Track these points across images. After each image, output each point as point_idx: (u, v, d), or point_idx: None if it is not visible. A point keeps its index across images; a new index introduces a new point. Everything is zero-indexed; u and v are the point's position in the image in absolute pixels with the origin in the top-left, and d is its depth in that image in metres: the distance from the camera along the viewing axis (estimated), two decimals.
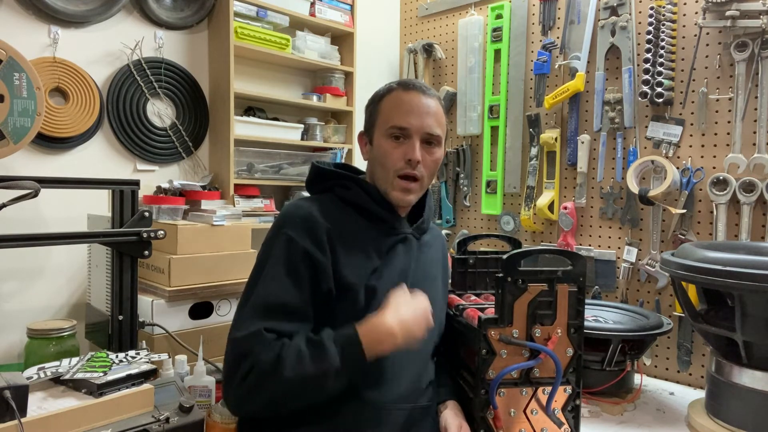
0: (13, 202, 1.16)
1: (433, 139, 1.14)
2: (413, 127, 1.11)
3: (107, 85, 1.74)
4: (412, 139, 1.11)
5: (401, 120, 1.11)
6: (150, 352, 1.24)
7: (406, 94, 1.14)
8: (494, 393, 1.05)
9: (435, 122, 1.13)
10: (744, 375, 1.25)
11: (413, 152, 1.11)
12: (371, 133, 1.18)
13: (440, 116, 1.15)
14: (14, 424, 0.87)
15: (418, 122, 1.11)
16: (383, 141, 1.13)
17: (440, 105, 1.17)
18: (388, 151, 1.12)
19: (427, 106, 1.13)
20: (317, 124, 2.19)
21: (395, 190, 1.13)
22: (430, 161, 1.15)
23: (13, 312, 1.58)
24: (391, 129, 1.12)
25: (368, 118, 1.20)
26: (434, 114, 1.14)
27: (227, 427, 1.09)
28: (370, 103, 1.20)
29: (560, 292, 1.08)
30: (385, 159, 1.12)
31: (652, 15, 1.76)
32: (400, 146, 1.12)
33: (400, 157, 1.11)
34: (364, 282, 1.09)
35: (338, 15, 2.22)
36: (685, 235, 1.71)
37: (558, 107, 2.00)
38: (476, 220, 2.30)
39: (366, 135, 1.21)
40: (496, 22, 2.17)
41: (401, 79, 1.19)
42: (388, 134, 1.13)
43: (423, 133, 1.12)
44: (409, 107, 1.12)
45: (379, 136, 1.15)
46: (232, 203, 1.89)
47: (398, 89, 1.15)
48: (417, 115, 1.11)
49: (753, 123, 1.60)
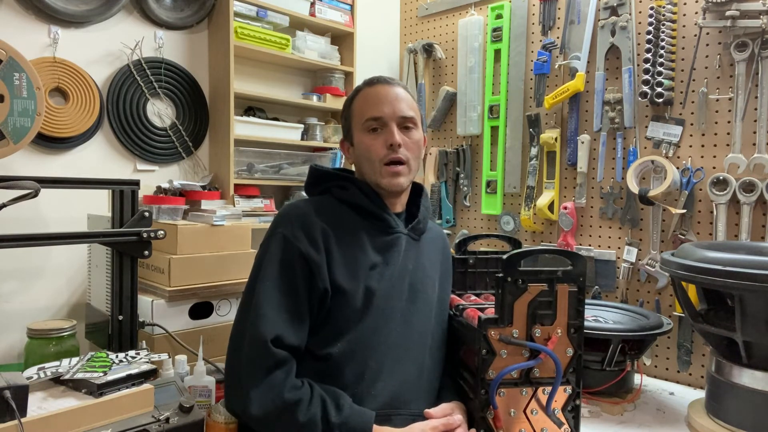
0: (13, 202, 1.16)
1: (408, 121, 1.17)
2: (386, 115, 1.15)
3: (107, 85, 1.74)
4: (389, 125, 1.15)
5: (373, 111, 1.16)
6: (150, 352, 1.24)
7: (372, 89, 1.19)
8: (494, 393, 1.05)
9: (406, 106, 1.17)
10: (744, 375, 1.25)
11: (392, 137, 1.14)
12: (350, 135, 1.22)
13: (410, 100, 1.20)
14: (14, 424, 0.87)
15: (390, 109, 1.15)
16: (362, 136, 1.17)
17: (407, 91, 1.21)
18: (369, 144, 1.16)
19: (395, 93, 1.18)
20: (317, 124, 2.19)
21: (384, 178, 1.15)
22: (411, 143, 1.17)
23: (13, 312, 1.58)
24: (366, 122, 1.16)
25: (344, 124, 1.25)
26: (403, 99, 1.18)
27: (227, 427, 1.09)
28: (343, 111, 1.26)
29: (560, 292, 1.08)
30: (369, 152, 1.16)
31: (652, 15, 1.76)
32: (379, 136, 1.16)
33: (381, 145, 1.15)
34: (363, 282, 1.09)
35: (338, 15, 2.22)
36: (685, 235, 1.71)
37: (558, 107, 2.00)
38: (476, 220, 2.30)
39: (346, 140, 1.25)
40: (496, 22, 2.17)
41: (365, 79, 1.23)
42: (365, 128, 1.17)
43: (397, 117, 1.16)
44: (377, 98, 1.17)
45: (358, 134, 1.18)
46: (232, 203, 1.89)
47: (364, 88, 1.21)
48: (387, 103, 1.16)
49: (753, 123, 1.60)
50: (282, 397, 0.98)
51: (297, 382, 1.02)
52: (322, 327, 1.08)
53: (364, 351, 1.08)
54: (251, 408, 0.99)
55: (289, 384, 1.00)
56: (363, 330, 1.08)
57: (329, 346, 1.07)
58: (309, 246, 1.06)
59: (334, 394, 1.03)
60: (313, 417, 0.98)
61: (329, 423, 0.98)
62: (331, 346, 1.07)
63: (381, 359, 1.09)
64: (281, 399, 0.98)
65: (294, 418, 0.98)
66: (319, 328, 1.08)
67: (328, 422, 0.98)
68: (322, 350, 1.07)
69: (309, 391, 1.01)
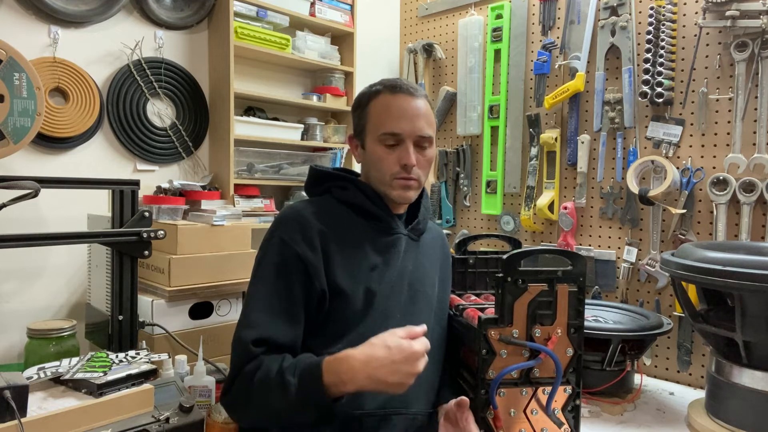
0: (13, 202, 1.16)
1: (425, 141, 1.14)
2: (405, 132, 1.11)
3: (107, 85, 1.74)
4: (405, 143, 1.11)
5: (393, 126, 1.11)
6: (150, 352, 1.24)
7: (394, 99, 1.12)
8: (494, 393, 1.05)
9: (426, 124, 1.13)
10: (744, 375, 1.25)
11: (408, 157, 1.10)
12: (362, 137, 1.17)
13: (430, 116, 1.15)
14: (14, 424, 0.87)
15: (410, 127, 1.11)
16: (376, 147, 1.13)
17: (428, 103, 1.16)
18: (382, 157, 1.12)
19: (417, 108, 1.12)
20: (317, 124, 2.19)
21: (395, 190, 1.13)
22: (423, 162, 1.15)
23: (13, 312, 1.58)
24: (383, 136, 1.12)
25: (357, 122, 1.19)
26: (424, 116, 1.13)
27: (227, 427, 1.09)
28: (356, 107, 1.19)
29: (560, 292, 1.08)
30: (380, 164, 1.13)
31: (652, 15, 1.76)
32: (394, 152, 1.12)
33: (394, 162, 1.11)
34: (363, 283, 1.09)
35: (338, 15, 2.22)
36: (685, 235, 1.71)
37: (558, 107, 2.00)
38: (476, 220, 2.30)
39: (357, 138, 1.20)
40: (496, 22, 2.17)
41: (386, 80, 1.17)
42: (380, 141, 1.12)
43: (415, 136, 1.12)
44: (399, 112, 1.11)
45: (372, 142, 1.14)
46: (232, 203, 1.89)
47: (385, 92, 1.14)
48: (408, 120, 1.11)
49: (753, 123, 1.60)
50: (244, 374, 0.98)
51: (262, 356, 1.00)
52: (322, 328, 1.08)
53: None
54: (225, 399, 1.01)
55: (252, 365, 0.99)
56: (363, 330, 1.08)
57: (330, 346, 1.07)
58: (306, 248, 1.06)
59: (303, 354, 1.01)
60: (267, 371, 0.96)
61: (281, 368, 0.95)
62: (332, 347, 1.07)
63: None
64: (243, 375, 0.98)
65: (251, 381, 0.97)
66: (320, 329, 1.08)
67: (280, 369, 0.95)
68: (323, 351, 1.07)
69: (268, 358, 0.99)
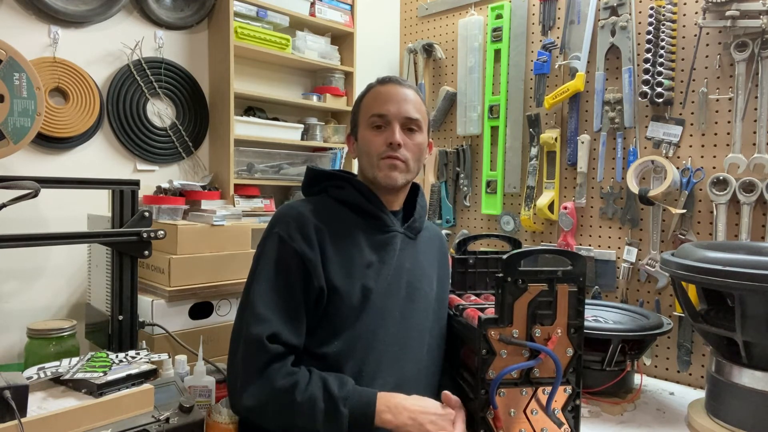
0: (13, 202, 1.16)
1: (413, 123, 1.17)
2: (391, 113, 1.16)
3: (107, 85, 1.74)
4: (392, 124, 1.16)
5: (379, 108, 1.17)
6: (150, 352, 1.24)
7: (383, 87, 1.20)
8: (494, 393, 1.05)
9: (413, 107, 1.18)
10: (744, 375, 1.25)
11: (393, 136, 1.15)
12: (356, 130, 1.24)
13: (418, 103, 1.20)
14: (14, 424, 0.87)
15: (396, 108, 1.16)
16: (366, 132, 1.18)
17: (418, 94, 1.21)
18: (370, 139, 1.17)
19: (404, 93, 1.18)
20: (317, 124, 2.19)
21: (381, 170, 1.16)
22: (412, 145, 1.18)
23: (13, 312, 1.58)
24: (371, 118, 1.17)
25: (352, 119, 1.27)
26: (412, 101, 1.18)
27: (227, 427, 1.09)
28: (353, 107, 1.27)
29: (560, 292, 1.08)
30: (369, 146, 1.17)
31: (652, 15, 1.76)
32: (382, 133, 1.17)
33: (381, 142, 1.16)
34: (359, 280, 1.09)
35: (338, 15, 2.22)
36: (685, 235, 1.71)
37: (558, 107, 2.00)
38: (476, 220, 2.30)
39: (352, 134, 1.26)
40: (496, 22, 2.17)
41: (380, 77, 1.24)
42: (369, 124, 1.18)
43: (402, 117, 1.16)
44: (387, 96, 1.17)
45: (363, 129, 1.20)
46: (232, 203, 1.89)
47: (376, 85, 1.22)
48: (394, 102, 1.16)
49: (753, 123, 1.60)
50: (274, 385, 0.99)
51: (292, 369, 1.02)
52: (319, 325, 1.08)
53: (362, 349, 1.08)
54: (245, 400, 1.00)
55: (283, 372, 1.01)
56: (360, 328, 1.08)
57: (327, 344, 1.07)
58: (304, 245, 1.07)
59: (337, 375, 1.04)
60: (312, 395, 0.98)
61: (332, 396, 0.98)
62: (328, 345, 1.07)
63: (379, 357, 1.09)
64: (273, 386, 0.99)
65: (291, 399, 0.98)
66: (316, 327, 1.08)
67: (330, 396, 0.98)
68: (319, 348, 1.07)
69: (307, 374, 1.02)
